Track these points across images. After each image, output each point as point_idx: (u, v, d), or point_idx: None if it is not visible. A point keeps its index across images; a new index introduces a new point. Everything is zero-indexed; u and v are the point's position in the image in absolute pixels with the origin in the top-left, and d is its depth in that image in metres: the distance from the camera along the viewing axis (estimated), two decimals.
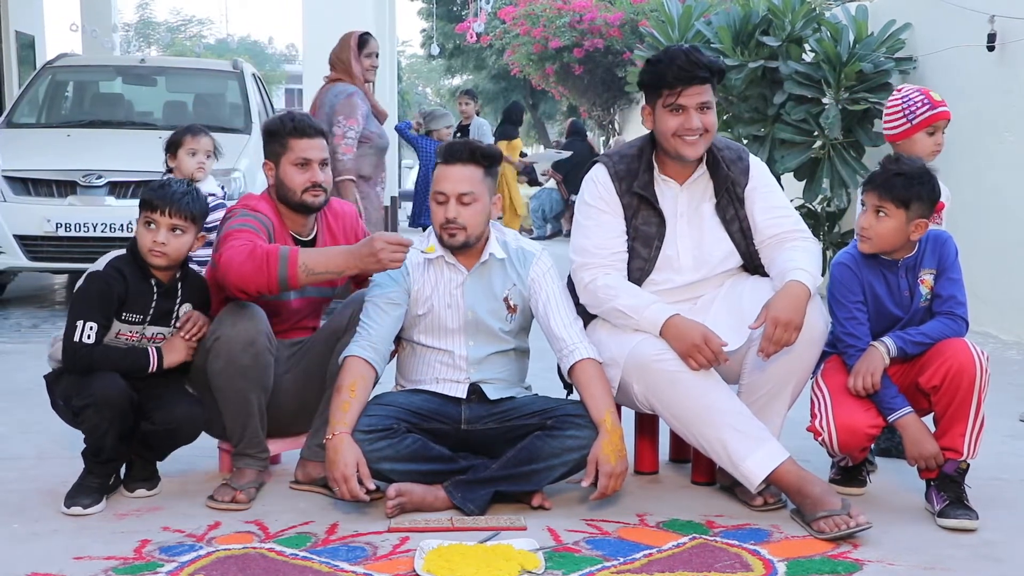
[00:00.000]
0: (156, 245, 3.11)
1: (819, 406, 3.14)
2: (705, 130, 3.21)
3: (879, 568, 2.71)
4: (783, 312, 3.02)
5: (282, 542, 2.86)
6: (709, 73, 3.21)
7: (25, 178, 6.97)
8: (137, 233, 3.16)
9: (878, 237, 3.10)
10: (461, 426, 3.23)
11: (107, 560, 2.73)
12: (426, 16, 26.54)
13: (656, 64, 3.25)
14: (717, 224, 3.32)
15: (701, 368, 3.04)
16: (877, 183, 3.10)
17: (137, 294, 3.13)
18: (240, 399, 3.14)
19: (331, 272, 3.10)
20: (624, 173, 3.31)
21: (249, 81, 8.73)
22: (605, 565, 2.71)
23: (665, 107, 3.22)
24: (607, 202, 3.30)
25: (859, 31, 7.04)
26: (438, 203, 3.24)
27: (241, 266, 3.03)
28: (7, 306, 7.39)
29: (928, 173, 3.11)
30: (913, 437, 3.04)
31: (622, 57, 16.32)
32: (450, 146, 3.29)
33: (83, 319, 3.06)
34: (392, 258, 3.02)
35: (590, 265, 3.27)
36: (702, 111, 3.21)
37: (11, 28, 13.30)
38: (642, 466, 3.55)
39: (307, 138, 3.32)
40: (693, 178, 3.33)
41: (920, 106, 3.46)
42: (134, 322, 3.14)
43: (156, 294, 3.16)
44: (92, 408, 3.02)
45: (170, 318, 3.21)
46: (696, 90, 3.19)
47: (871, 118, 7.06)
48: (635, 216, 3.29)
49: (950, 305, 3.11)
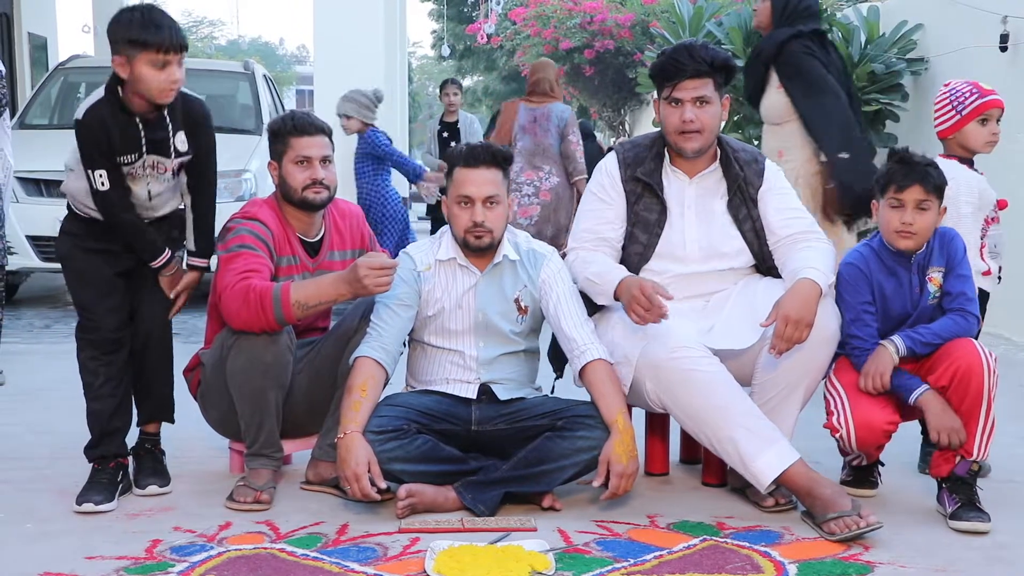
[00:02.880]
0: (173, 84, 3.07)
1: (835, 403, 3.13)
2: (701, 126, 3.23)
3: (891, 570, 2.71)
4: (793, 309, 3.01)
5: (293, 542, 2.87)
6: (708, 67, 3.22)
7: (37, 179, 7.00)
8: (141, 77, 3.03)
9: (923, 231, 3.09)
10: (471, 427, 3.23)
11: (119, 560, 2.73)
12: (437, 17, 26.60)
13: (661, 56, 3.32)
14: (728, 221, 3.33)
15: (645, 321, 3.06)
16: (916, 177, 3.06)
17: (123, 134, 3.11)
18: (260, 397, 3.15)
19: (324, 303, 3.11)
20: (631, 160, 3.37)
21: (260, 82, 8.74)
22: (615, 566, 2.71)
23: (665, 100, 3.28)
24: (607, 190, 3.38)
25: (871, 32, 7.03)
26: (462, 207, 3.24)
27: (239, 313, 3.06)
28: (19, 306, 7.42)
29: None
30: (935, 411, 3.01)
31: (633, 58, 16.30)
32: (471, 149, 3.28)
33: (91, 169, 3.11)
34: (377, 283, 3.01)
35: (576, 248, 3.37)
36: (698, 105, 3.23)
37: (24, 30, 13.35)
38: (652, 467, 3.54)
39: (307, 136, 3.33)
40: (704, 173, 3.35)
41: (968, 96, 3.45)
42: (132, 161, 3.14)
43: (143, 130, 3.13)
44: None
45: (167, 147, 3.17)
46: (692, 84, 3.22)
47: (882, 119, 7.05)
48: (637, 202, 3.34)
49: (960, 302, 3.11)
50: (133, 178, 3.17)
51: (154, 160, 3.18)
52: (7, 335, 5.42)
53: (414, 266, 3.29)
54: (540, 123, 6.85)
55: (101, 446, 3.23)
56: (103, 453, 3.23)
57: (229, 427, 3.35)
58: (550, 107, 6.90)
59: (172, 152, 3.19)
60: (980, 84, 3.49)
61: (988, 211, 3.49)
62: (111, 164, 3.11)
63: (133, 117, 3.12)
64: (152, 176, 3.19)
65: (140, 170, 3.17)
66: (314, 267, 3.37)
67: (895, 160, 3.15)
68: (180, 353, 3.48)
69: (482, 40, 18.96)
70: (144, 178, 3.19)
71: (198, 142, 3.26)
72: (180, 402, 3.50)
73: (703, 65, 3.21)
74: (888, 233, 3.13)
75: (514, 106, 6.98)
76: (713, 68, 3.23)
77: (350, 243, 3.49)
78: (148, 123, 3.14)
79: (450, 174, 3.30)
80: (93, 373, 3.22)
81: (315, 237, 3.42)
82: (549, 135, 6.82)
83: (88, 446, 3.26)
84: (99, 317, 3.21)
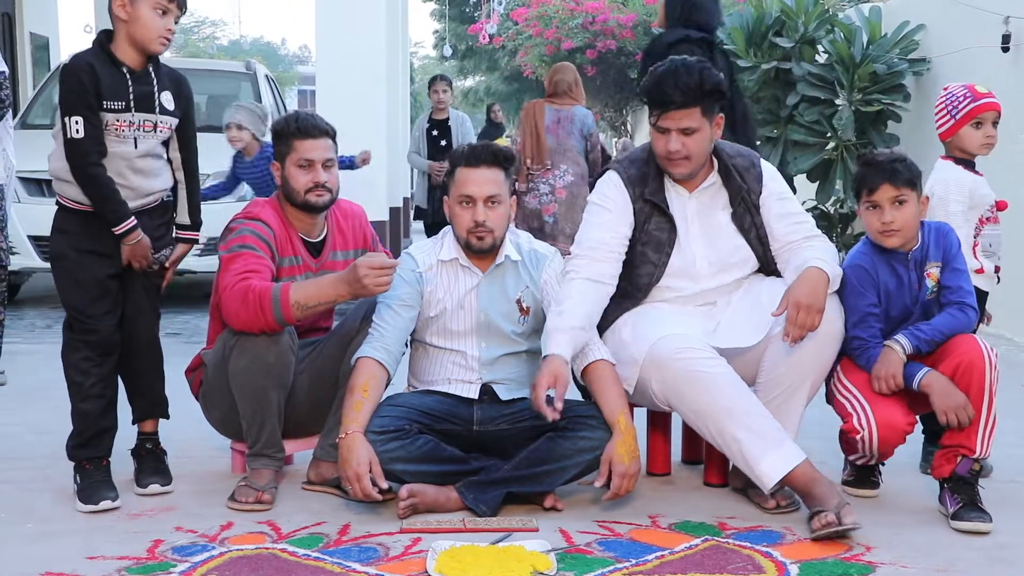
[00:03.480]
0: (168, 33, 3.14)
1: (853, 405, 3.12)
2: (688, 153, 3.18)
3: (892, 570, 2.70)
4: (804, 296, 3.02)
5: (294, 542, 2.87)
6: (695, 98, 3.14)
7: (39, 179, 6.99)
8: (140, 18, 3.11)
9: (906, 226, 3.11)
10: (473, 427, 3.23)
11: (120, 560, 2.73)
12: (439, 17, 26.62)
13: (650, 78, 3.24)
14: (734, 231, 3.30)
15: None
16: (883, 177, 3.10)
17: (110, 82, 3.11)
18: (261, 397, 3.14)
19: (324, 303, 3.10)
20: (637, 179, 3.31)
21: (262, 82, 8.75)
22: (617, 567, 2.71)
23: (652, 125, 3.23)
24: (614, 201, 3.31)
25: (872, 32, 7.03)
26: (464, 207, 3.24)
27: (238, 313, 3.06)
28: (21, 306, 7.42)
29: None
30: (940, 391, 3.01)
31: (635, 58, 16.31)
32: (472, 149, 3.27)
33: (68, 115, 3.09)
34: (377, 283, 3.00)
35: (575, 256, 3.30)
36: (685, 134, 3.17)
37: (25, 30, 13.35)
38: (654, 467, 3.54)
39: (311, 139, 3.33)
40: (703, 187, 3.32)
41: (962, 99, 3.48)
42: (118, 110, 3.12)
43: (130, 80, 3.14)
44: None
45: (152, 104, 3.17)
46: (679, 115, 3.15)
47: (884, 119, 7.05)
48: (647, 221, 3.29)
49: (959, 295, 3.12)
50: (119, 135, 3.14)
51: (142, 119, 3.16)
52: (9, 335, 5.42)
53: (416, 266, 3.30)
54: (563, 124, 6.95)
55: (91, 446, 3.20)
56: (96, 453, 3.20)
57: (231, 427, 3.35)
58: (573, 110, 6.99)
59: (158, 108, 3.18)
60: (976, 87, 3.52)
61: (983, 211, 3.50)
62: (90, 112, 3.08)
63: (121, 68, 3.13)
64: (140, 135, 3.17)
65: (128, 129, 3.15)
66: (317, 267, 3.37)
67: (861, 164, 3.21)
68: (181, 353, 3.49)
69: (484, 40, 18.97)
70: (130, 137, 3.15)
71: (183, 104, 3.27)
72: (181, 402, 3.50)
73: (690, 97, 3.14)
74: (873, 235, 3.17)
75: (539, 107, 7.02)
76: (701, 95, 3.16)
77: (352, 243, 3.50)
78: (135, 75, 3.15)
79: (452, 174, 3.30)
80: (84, 373, 3.19)
81: (318, 237, 3.42)
82: (572, 137, 6.93)
83: (76, 446, 3.21)
84: (96, 319, 3.18)
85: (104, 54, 3.14)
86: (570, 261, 3.30)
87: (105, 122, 3.12)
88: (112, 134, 3.13)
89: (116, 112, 3.12)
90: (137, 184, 3.19)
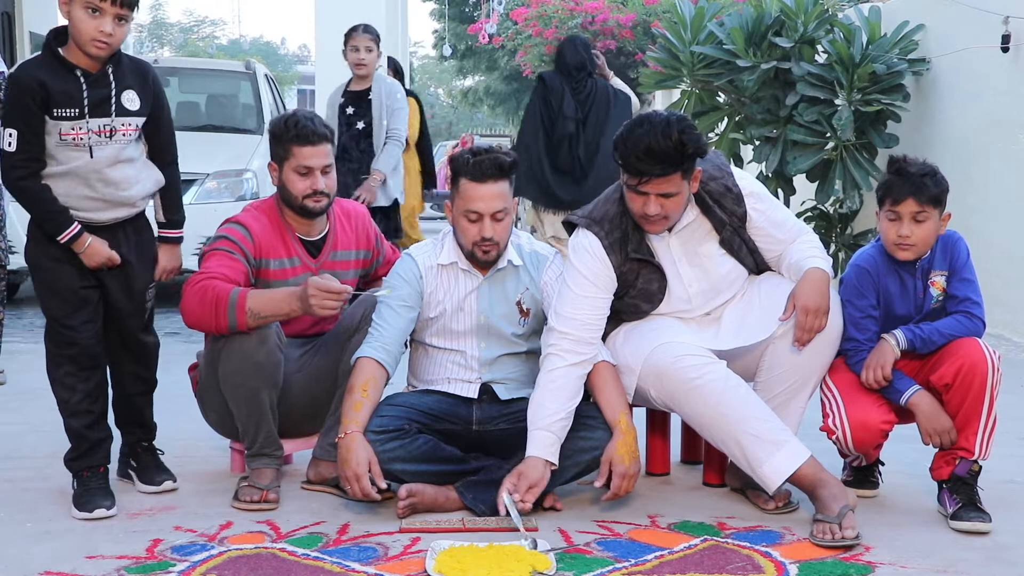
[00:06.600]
0: (102, 35, 2.91)
1: (831, 405, 3.13)
2: (666, 213, 3.07)
3: (892, 571, 2.71)
4: (811, 299, 3.03)
5: (294, 542, 2.87)
6: (674, 165, 2.97)
7: None
8: (72, 20, 2.93)
9: (922, 243, 3.07)
10: (472, 427, 3.23)
11: (119, 559, 2.74)
12: (438, 17, 26.61)
13: (625, 137, 3.01)
14: (723, 255, 3.22)
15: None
16: (910, 189, 3.03)
17: (63, 88, 2.95)
18: (254, 398, 3.14)
19: (278, 315, 3.08)
20: (618, 242, 3.18)
21: (262, 82, 8.75)
22: (616, 567, 2.71)
23: (627, 186, 3.09)
24: (596, 274, 3.16)
25: (872, 32, 7.03)
26: (470, 221, 3.19)
27: (194, 310, 3.07)
28: (20, 306, 7.42)
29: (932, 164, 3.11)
30: (926, 413, 3.02)
31: (634, 58, 16.29)
32: (478, 164, 3.17)
33: (5, 126, 2.98)
34: (323, 305, 2.98)
35: (561, 333, 3.13)
36: (665, 198, 3.04)
37: (25, 29, 13.33)
38: (653, 467, 3.54)
39: (310, 145, 3.28)
40: (682, 224, 3.19)
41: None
42: (72, 117, 2.97)
43: (84, 85, 2.98)
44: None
45: (108, 108, 3.01)
46: (657, 182, 3.01)
47: (884, 120, 7.04)
48: (637, 278, 3.21)
49: (966, 305, 3.08)
50: (77, 143, 2.99)
51: (100, 126, 3.00)
52: (8, 334, 5.42)
53: (417, 268, 3.29)
54: None
55: (87, 458, 3.15)
56: (92, 463, 3.16)
57: (228, 428, 3.35)
58: None
59: (114, 111, 3.01)
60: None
61: None
62: (25, 126, 2.95)
63: (74, 71, 2.97)
64: (97, 142, 3.01)
65: (86, 137, 2.99)
66: (316, 267, 3.35)
67: (892, 171, 3.11)
68: (180, 353, 3.50)
69: (483, 40, 18.95)
70: (85, 145, 3.00)
71: (150, 97, 3.10)
72: (181, 401, 3.50)
73: (669, 168, 2.97)
74: (888, 244, 3.12)
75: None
76: (682, 160, 2.98)
77: (356, 243, 3.49)
78: (91, 78, 2.99)
79: (456, 182, 3.23)
80: (70, 389, 3.12)
81: (317, 236, 3.41)
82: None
83: (72, 459, 3.17)
84: (74, 330, 3.10)
85: (55, 59, 2.98)
86: (550, 334, 3.15)
87: (59, 131, 2.98)
88: (69, 144, 3.00)
89: (71, 120, 2.98)
90: (108, 195, 3.08)
